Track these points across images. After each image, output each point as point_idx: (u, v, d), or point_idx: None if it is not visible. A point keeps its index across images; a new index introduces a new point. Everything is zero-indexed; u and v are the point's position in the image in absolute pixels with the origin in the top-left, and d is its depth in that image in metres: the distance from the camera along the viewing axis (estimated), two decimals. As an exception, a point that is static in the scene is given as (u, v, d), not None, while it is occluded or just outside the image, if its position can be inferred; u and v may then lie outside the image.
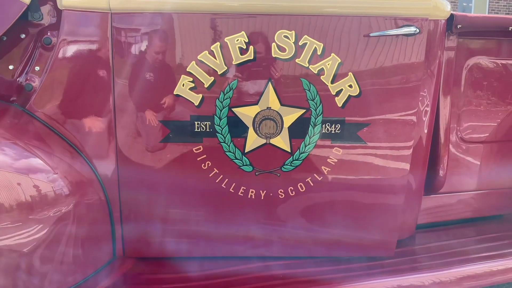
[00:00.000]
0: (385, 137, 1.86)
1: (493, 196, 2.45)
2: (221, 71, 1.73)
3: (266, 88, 1.76)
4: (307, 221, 1.95)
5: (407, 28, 1.75)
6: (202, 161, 1.81)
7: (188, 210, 1.90)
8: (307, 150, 1.83)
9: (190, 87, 1.74)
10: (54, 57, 1.71)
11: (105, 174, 1.81)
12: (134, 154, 1.80)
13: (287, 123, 1.80)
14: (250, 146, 1.81)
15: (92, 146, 1.79)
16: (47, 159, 1.68)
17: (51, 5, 1.72)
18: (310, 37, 1.73)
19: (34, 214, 1.53)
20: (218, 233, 1.93)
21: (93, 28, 1.70)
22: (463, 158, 2.31)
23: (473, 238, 2.33)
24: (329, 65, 1.75)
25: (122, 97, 1.74)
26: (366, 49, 1.76)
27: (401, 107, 1.85)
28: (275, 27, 1.71)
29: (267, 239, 1.97)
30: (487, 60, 2.24)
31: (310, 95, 1.77)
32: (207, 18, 1.70)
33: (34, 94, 1.74)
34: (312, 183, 1.88)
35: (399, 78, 1.82)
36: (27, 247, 1.50)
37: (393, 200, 1.96)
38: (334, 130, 1.82)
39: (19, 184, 1.53)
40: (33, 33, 1.74)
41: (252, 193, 1.87)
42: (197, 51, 1.71)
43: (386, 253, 2.04)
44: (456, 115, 2.21)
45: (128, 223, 1.88)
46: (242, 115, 1.78)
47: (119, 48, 1.70)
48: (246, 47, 1.72)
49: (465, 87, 2.21)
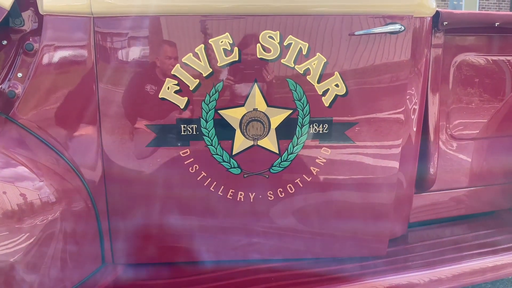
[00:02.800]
0: (374, 136, 1.85)
1: (485, 192, 2.44)
2: (206, 73, 1.71)
3: (252, 90, 1.74)
4: (298, 222, 1.93)
5: (392, 26, 1.74)
6: (189, 164, 1.79)
7: (177, 215, 1.87)
8: (295, 151, 1.82)
9: (175, 90, 1.72)
10: (37, 63, 1.68)
11: (92, 180, 1.79)
12: (121, 159, 1.78)
13: (274, 124, 1.78)
14: (238, 148, 1.79)
15: (78, 152, 1.77)
16: (32, 167, 1.66)
17: (32, 11, 1.71)
18: (295, 37, 1.71)
19: (20, 222, 1.51)
20: (208, 238, 1.91)
21: (75, 33, 1.68)
22: (454, 155, 2.30)
23: (465, 235, 2.33)
24: (314, 64, 1.74)
25: (107, 102, 1.72)
26: (351, 48, 1.75)
27: (389, 106, 1.83)
28: (259, 27, 1.70)
29: (257, 241, 1.95)
30: (475, 57, 2.23)
31: (297, 95, 1.76)
32: (190, 20, 1.69)
33: (17, 101, 1.71)
34: (302, 184, 1.86)
35: (386, 76, 1.81)
36: (14, 257, 1.48)
37: (383, 199, 1.95)
38: (322, 130, 1.81)
39: (4, 192, 1.51)
40: (14, 39, 1.72)
41: (241, 195, 1.85)
42: (182, 54, 1.69)
43: (378, 252, 2.02)
44: (445, 112, 2.20)
45: (116, 230, 1.85)
46: (228, 117, 1.76)
47: (102, 52, 1.68)
48: (230, 49, 1.70)
49: (454, 84, 2.20)
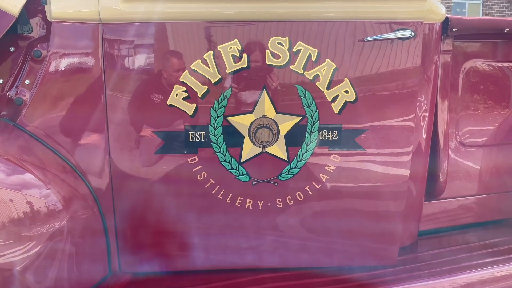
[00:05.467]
0: (384, 143, 1.83)
1: (494, 200, 2.42)
2: (214, 80, 1.70)
3: (261, 96, 1.73)
4: (307, 230, 1.91)
5: (402, 32, 1.73)
6: (197, 171, 1.78)
7: (185, 223, 1.86)
8: (304, 158, 1.80)
9: (184, 96, 1.71)
10: (45, 70, 1.68)
11: (99, 188, 1.78)
12: (128, 166, 1.77)
13: (283, 131, 1.77)
14: (246, 155, 1.78)
15: (85, 159, 1.76)
16: (39, 174, 1.64)
17: (40, 18, 1.71)
18: (304, 43, 1.70)
19: (27, 230, 1.50)
20: (215, 246, 1.89)
21: (83, 40, 1.68)
22: (463, 162, 2.28)
23: (475, 244, 2.30)
24: (324, 71, 1.73)
25: (115, 109, 1.71)
26: (361, 54, 1.74)
27: (399, 112, 1.82)
28: (268, 34, 1.69)
29: (266, 250, 1.93)
30: (483, 63, 2.22)
31: (306, 102, 1.75)
32: (199, 27, 1.68)
33: (25, 108, 1.71)
34: (311, 192, 1.84)
35: (396, 83, 1.80)
36: (20, 264, 1.47)
37: (393, 207, 1.93)
38: (331, 137, 1.79)
39: (11, 200, 1.50)
40: (22, 46, 1.72)
41: (249, 203, 1.83)
42: (190, 60, 1.69)
43: (388, 261, 2.00)
44: (454, 119, 2.19)
45: (123, 238, 1.84)
46: (237, 124, 1.75)
47: (110, 59, 1.68)
48: (239, 55, 1.69)
49: (463, 90, 2.19)
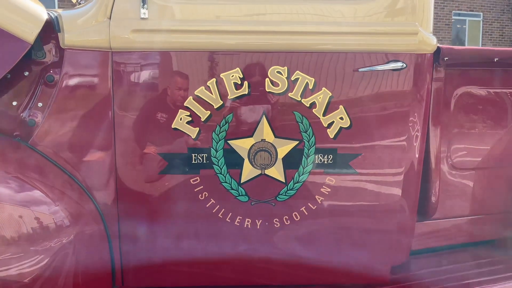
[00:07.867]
0: (377, 167, 1.92)
1: (486, 221, 2.48)
2: (217, 105, 1.80)
3: (261, 121, 1.82)
4: (302, 249, 1.98)
5: (394, 64, 1.83)
6: (199, 191, 1.86)
7: (186, 240, 1.93)
8: (301, 180, 1.89)
9: (188, 121, 1.80)
10: (57, 94, 1.77)
11: (105, 205, 1.85)
12: (134, 185, 1.85)
13: (281, 154, 1.85)
14: (246, 176, 1.86)
15: (93, 178, 1.84)
16: (48, 192, 1.72)
17: (53, 44, 1.80)
18: (302, 73, 1.80)
19: (34, 245, 1.57)
20: (215, 262, 1.96)
21: (94, 66, 1.77)
22: (455, 185, 2.35)
23: (467, 263, 2.35)
24: (320, 98, 1.82)
25: (122, 132, 1.80)
26: (355, 83, 1.83)
27: (391, 138, 1.91)
28: (268, 63, 1.79)
29: (263, 267, 1.99)
30: (475, 90, 2.30)
31: (303, 127, 1.84)
32: (203, 56, 1.78)
33: (37, 129, 1.79)
34: (307, 212, 1.92)
35: (388, 111, 1.89)
36: (27, 278, 1.53)
37: (386, 226, 2.00)
38: (326, 161, 1.88)
39: (21, 216, 1.58)
40: (36, 71, 1.81)
41: (248, 222, 1.91)
42: (194, 87, 1.78)
43: (380, 280, 2.06)
44: (446, 145, 2.26)
45: (127, 253, 1.91)
46: (237, 147, 1.84)
47: (119, 85, 1.77)
48: (241, 83, 1.79)
49: (454, 116, 2.26)
